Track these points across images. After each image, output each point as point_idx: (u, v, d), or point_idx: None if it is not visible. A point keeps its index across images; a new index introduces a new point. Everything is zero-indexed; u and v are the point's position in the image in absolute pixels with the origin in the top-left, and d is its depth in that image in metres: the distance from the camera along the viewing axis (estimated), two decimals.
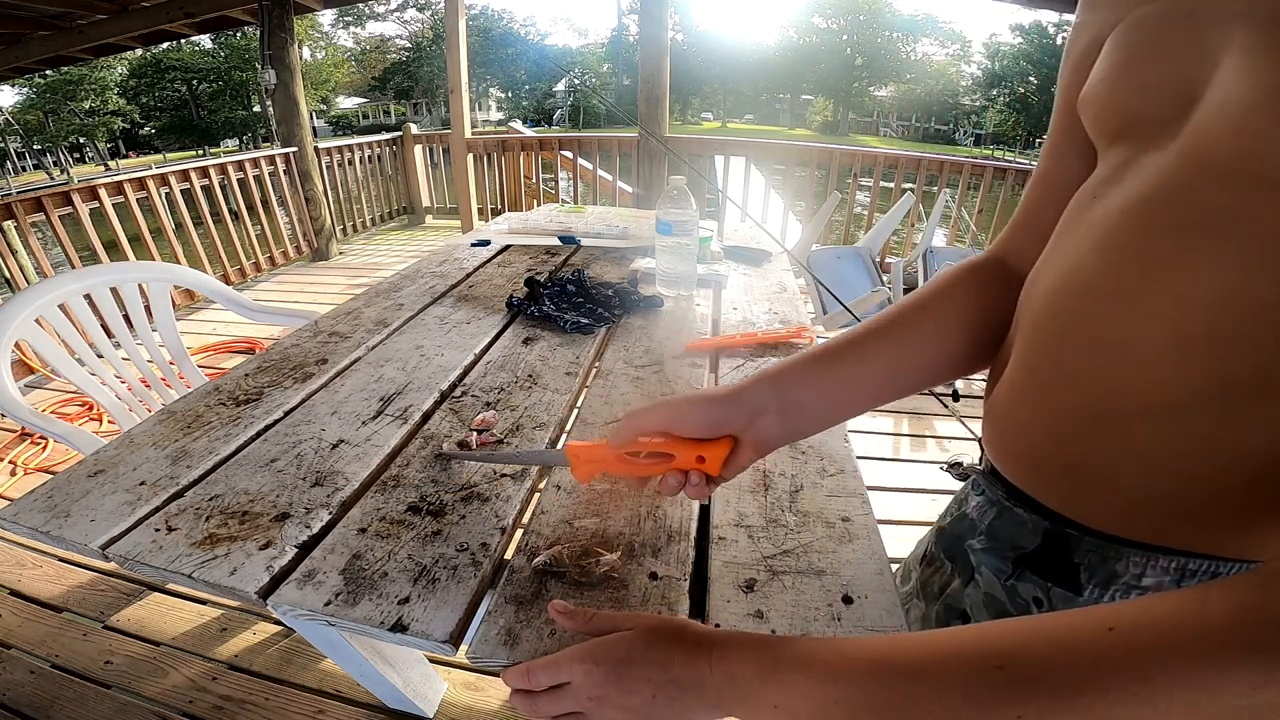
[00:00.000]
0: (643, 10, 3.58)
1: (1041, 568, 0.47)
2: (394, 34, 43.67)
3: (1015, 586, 0.49)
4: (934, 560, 0.62)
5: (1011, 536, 0.50)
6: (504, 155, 4.37)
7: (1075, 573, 0.45)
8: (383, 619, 0.49)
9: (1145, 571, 0.42)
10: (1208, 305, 0.33)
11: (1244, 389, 0.33)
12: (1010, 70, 37.66)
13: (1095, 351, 0.39)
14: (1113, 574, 0.43)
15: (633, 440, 0.48)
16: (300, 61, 4.02)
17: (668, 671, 0.38)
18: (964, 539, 0.56)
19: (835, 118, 47.33)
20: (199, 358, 2.66)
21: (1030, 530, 0.48)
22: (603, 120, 43.27)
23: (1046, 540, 0.47)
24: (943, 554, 0.60)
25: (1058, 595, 0.46)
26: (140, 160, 32.66)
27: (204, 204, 3.37)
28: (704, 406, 0.48)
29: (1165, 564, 0.41)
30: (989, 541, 0.52)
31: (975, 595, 0.54)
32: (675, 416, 0.48)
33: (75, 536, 0.57)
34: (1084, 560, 0.45)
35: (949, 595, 0.58)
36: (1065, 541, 0.46)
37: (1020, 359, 0.46)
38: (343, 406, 0.80)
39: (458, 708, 1.17)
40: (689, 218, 1.11)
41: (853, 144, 15.18)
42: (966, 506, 0.57)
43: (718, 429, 0.47)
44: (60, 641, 1.30)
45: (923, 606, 0.62)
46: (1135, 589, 0.42)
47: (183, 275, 1.42)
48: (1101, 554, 0.43)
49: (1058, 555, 0.46)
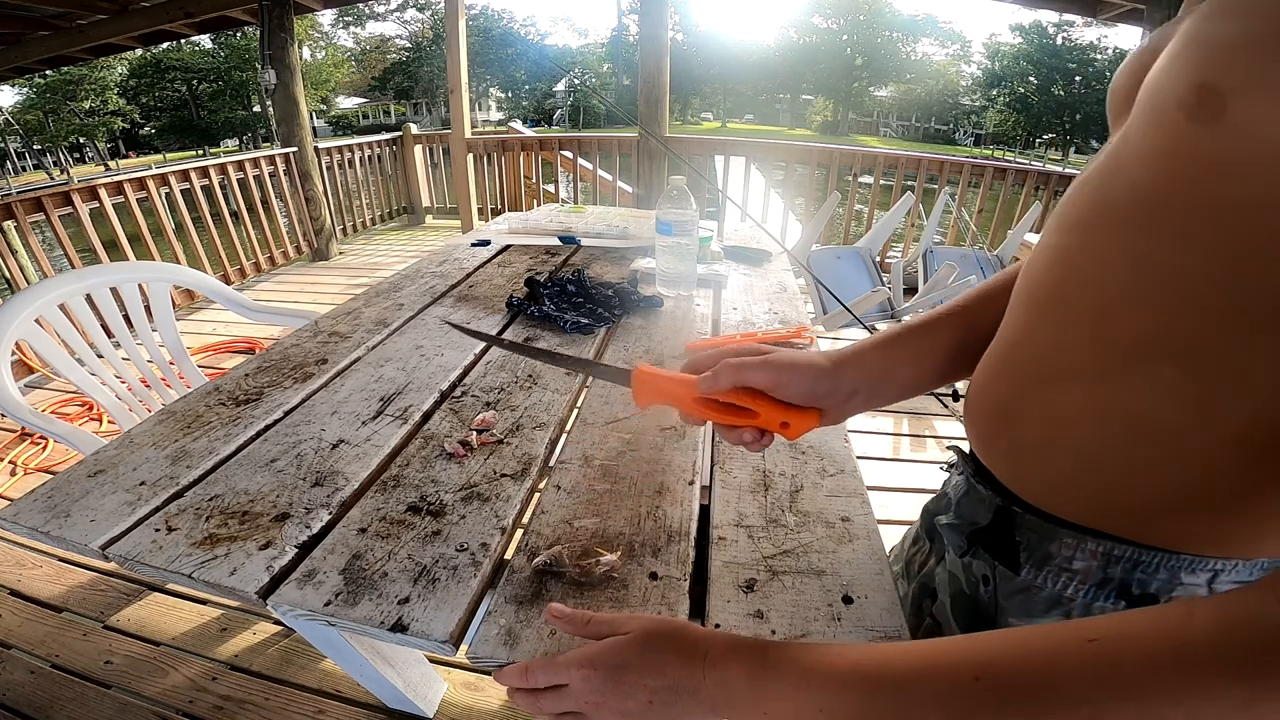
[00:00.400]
0: (643, 10, 3.58)
1: (991, 545, 0.48)
2: (394, 34, 43.72)
3: (970, 564, 0.51)
4: (918, 539, 0.64)
5: (972, 512, 0.51)
6: (504, 155, 4.37)
7: (1016, 551, 0.46)
8: (383, 619, 0.49)
9: (1075, 555, 0.43)
10: (1125, 269, 0.35)
11: (1160, 357, 0.34)
12: (1010, 70, 37.66)
13: (1041, 315, 0.42)
14: (1047, 555, 0.44)
15: (726, 390, 0.48)
16: (300, 61, 4.02)
17: (663, 677, 0.38)
18: (937, 516, 0.57)
19: (835, 118, 47.33)
20: (199, 358, 2.66)
21: (986, 506, 0.49)
22: (603, 120, 43.28)
23: (996, 516, 0.48)
24: (924, 533, 0.62)
25: (1001, 574, 0.47)
26: (140, 160, 32.64)
27: (204, 204, 3.37)
28: (810, 378, 0.49)
29: (1093, 548, 0.42)
30: (955, 518, 0.53)
31: (942, 573, 0.55)
32: (779, 382, 0.48)
33: (75, 536, 0.57)
34: (1024, 539, 0.46)
35: (924, 573, 0.60)
36: (1011, 518, 0.47)
37: (1000, 334, 0.48)
38: (343, 406, 0.80)
39: (458, 708, 1.17)
40: (689, 218, 1.11)
41: (853, 144, 15.19)
42: (948, 486, 0.58)
43: (814, 401, 0.49)
44: (60, 641, 1.30)
45: (905, 586, 0.63)
46: (1066, 571, 0.43)
47: (183, 275, 1.42)
48: (1039, 533, 0.44)
49: (1004, 532, 0.47)
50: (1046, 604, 0.45)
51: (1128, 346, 0.36)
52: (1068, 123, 35.45)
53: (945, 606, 0.54)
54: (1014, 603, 0.46)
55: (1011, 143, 38.65)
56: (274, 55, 3.76)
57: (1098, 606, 0.42)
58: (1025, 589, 0.45)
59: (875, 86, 45.70)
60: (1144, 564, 0.40)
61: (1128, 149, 0.35)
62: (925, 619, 0.58)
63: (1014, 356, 0.45)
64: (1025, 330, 0.44)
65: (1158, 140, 0.33)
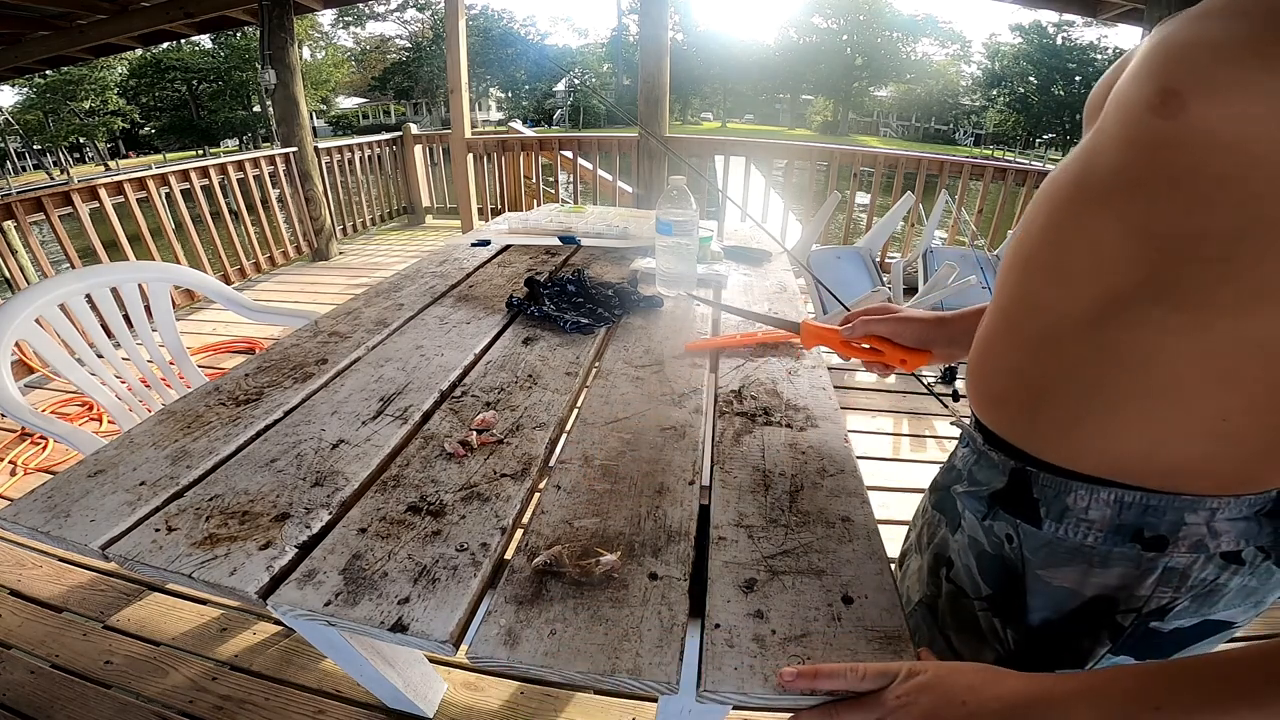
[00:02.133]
0: (643, 10, 3.58)
1: (1010, 505, 0.52)
2: (394, 34, 43.67)
3: (991, 526, 0.55)
4: (926, 513, 0.68)
5: (988, 478, 0.55)
6: (504, 155, 4.37)
7: (1035, 507, 0.50)
8: (383, 619, 0.49)
9: (1090, 505, 0.47)
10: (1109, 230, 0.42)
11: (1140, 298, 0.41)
12: (1010, 70, 37.62)
13: (1041, 278, 0.48)
14: (1065, 508, 0.48)
15: (861, 337, 0.74)
16: (300, 61, 4.02)
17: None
18: (951, 488, 0.61)
19: (835, 118, 47.30)
20: (199, 358, 2.66)
21: (1000, 470, 0.53)
22: (603, 120, 43.25)
23: (1012, 478, 0.52)
24: (933, 507, 0.66)
25: (1025, 531, 0.51)
26: (140, 160, 32.61)
27: (204, 204, 3.37)
28: (919, 329, 0.70)
29: (1105, 496, 0.46)
30: (970, 485, 0.57)
31: (960, 540, 0.59)
32: (897, 331, 0.72)
33: (75, 536, 0.57)
34: (1041, 495, 0.50)
35: (937, 544, 0.64)
36: (1026, 478, 0.51)
37: (992, 308, 0.54)
38: (343, 406, 0.80)
39: (458, 708, 1.16)
40: (689, 218, 1.11)
41: (853, 144, 15.18)
42: (954, 459, 0.62)
43: (924, 345, 0.71)
44: (60, 641, 1.30)
45: (918, 559, 0.68)
46: (1084, 521, 0.47)
47: (183, 275, 1.42)
48: (1055, 489, 0.49)
49: (1022, 491, 0.51)
50: (1069, 554, 0.49)
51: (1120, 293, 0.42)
52: (1068, 123, 35.39)
53: (970, 569, 0.58)
54: (1039, 556, 0.50)
55: (1011, 143, 38.62)
56: (274, 55, 3.76)
57: (1117, 552, 0.46)
58: (1049, 542, 0.49)
59: (875, 86, 45.67)
60: (1153, 508, 0.45)
61: (1105, 141, 0.43)
62: (944, 585, 0.62)
63: (1017, 320, 0.50)
64: (1024, 295, 0.49)
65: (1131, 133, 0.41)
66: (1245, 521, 0.44)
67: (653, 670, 0.45)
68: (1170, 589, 0.46)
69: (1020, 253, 0.50)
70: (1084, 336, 0.45)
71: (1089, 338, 0.44)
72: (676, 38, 45.92)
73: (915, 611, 0.66)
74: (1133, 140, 0.41)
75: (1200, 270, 0.39)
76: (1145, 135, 0.40)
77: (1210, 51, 0.36)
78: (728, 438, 0.75)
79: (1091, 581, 0.48)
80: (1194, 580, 0.45)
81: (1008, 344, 0.51)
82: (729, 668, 0.46)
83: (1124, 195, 0.41)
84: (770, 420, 0.78)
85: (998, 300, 0.53)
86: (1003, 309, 0.52)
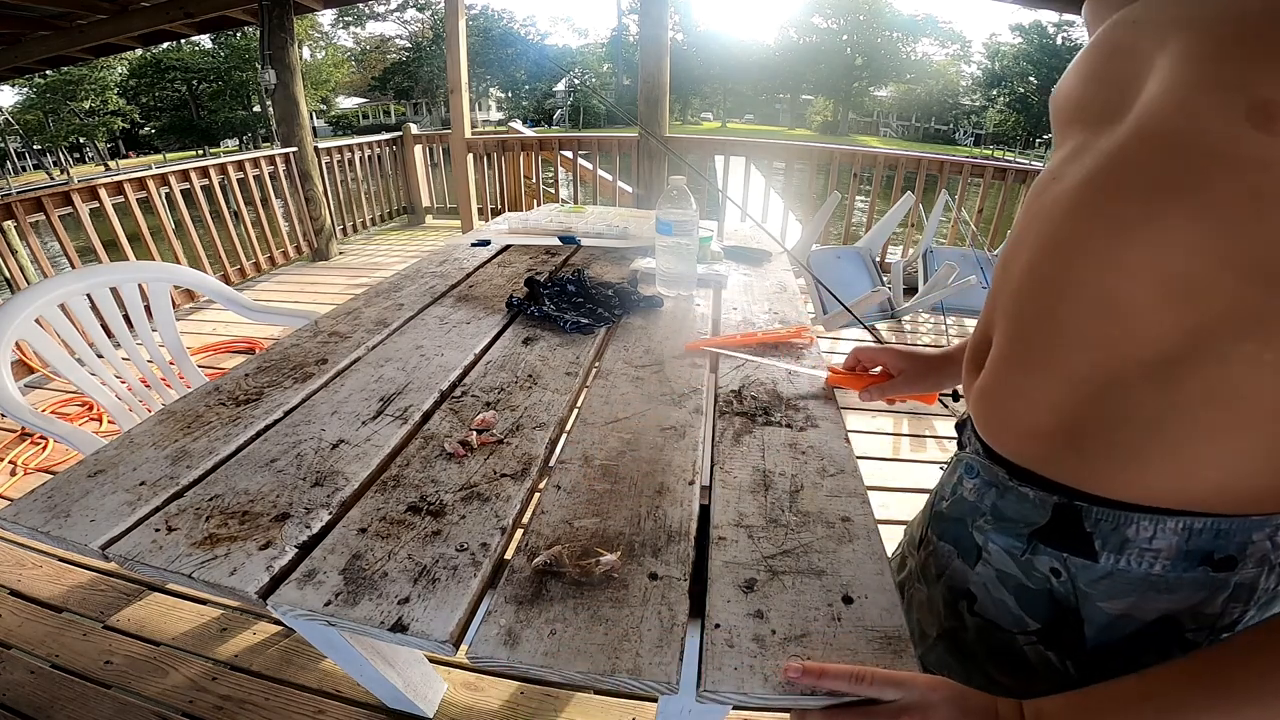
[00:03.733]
0: (643, 10, 3.58)
1: (1055, 540, 0.50)
2: (394, 34, 43.66)
3: (1031, 560, 0.52)
4: (927, 543, 0.65)
5: (1021, 514, 0.52)
6: (504, 155, 4.37)
7: (1089, 541, 0.48)
8: (383, 619, 0.49)
9: (1155, 535, 0.45)
10: (1180, 259, 0.38)
11: (1223, 335, 0.38)
12: (1010, 70, 37.62)
13: (1088, 310, 0.43)
14: (1125, 540, 0.46)
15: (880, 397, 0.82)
16: (300, 61, 4.02)
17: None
18: (966, 521, 0.58)
19: (835, 118, 47.28)
20: (199, 358, 2.66)
21: (1037, 506, 0.51)
22: (603, 120, 43.23)
23: (1056, 514, 0.50)
24: (937, 537, 0.63)
25: (1075, 564, 0.49)
26: (140, 160, 32.59)
27: (204, 204, 3.37)
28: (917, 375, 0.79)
29: (1173, 525, 0.44)
30: (996, 521, 0.55)
31: (986, 573, 0.56)
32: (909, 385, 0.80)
33: (75, 536, 0.57)
34: (1095, 529, 0.47)
35: (950, 576, 0.61)
36: (1076, 512, 0.48)
37: (1008, 335, 0.50)
38: (343, 406, 0.80)
39: (458, 708, 1.16)
40: (689, 218, 1.11)
41: (853, 144, 15.17)
42: (962, 489, 0.59)
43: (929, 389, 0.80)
44: (60, 641, 1.30)
45: (925, 589, 0.65)
46: (1149, 551, 0.45)
47: (183, 275, 1.42)
48: (1113, 521, 0.46)
49: (1070, 526, 0.49)
50: (1137, 585, 0.47)
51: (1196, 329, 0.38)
52: None
53: (1004, 604, 0.55)
54: (1099, 588, 0.49)
55: (1011, 143, 38.61)
56: (274, 55, 3.76)
57: (1187, 578, 0.45)
58: (1109, 574, 0.48)
59: (875, 86, 45.66)
60: (1224, 531, 0.43)
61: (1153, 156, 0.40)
62: (968, 619, 0.59)
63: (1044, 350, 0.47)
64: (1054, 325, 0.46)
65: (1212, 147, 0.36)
66: None
67: (653, 670, 0.45)
68: (1240, 604, 0.45)
69: (1034, 273, 0.47)
70: (1149, 374, 0.41)
71: (1155, 375, 0.41)
72: (676, 38, 45.91)
73: (936, 646, 0.63)
74: (1215, 155, 0.36)
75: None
76: (1234, 150, 0.35)
77: None
78: (728, 438, 0.75)
79: (1155, 606, 0.47)
80: (1260, 591, 0.45)
81: (1036, 376, 0.48)
82: (729, 668, 0.46)
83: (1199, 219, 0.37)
84: (770, 420, 0.78)
85: (1008, 323, 0.50)
86: (1019, 337, 0.49)
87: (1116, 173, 0.41)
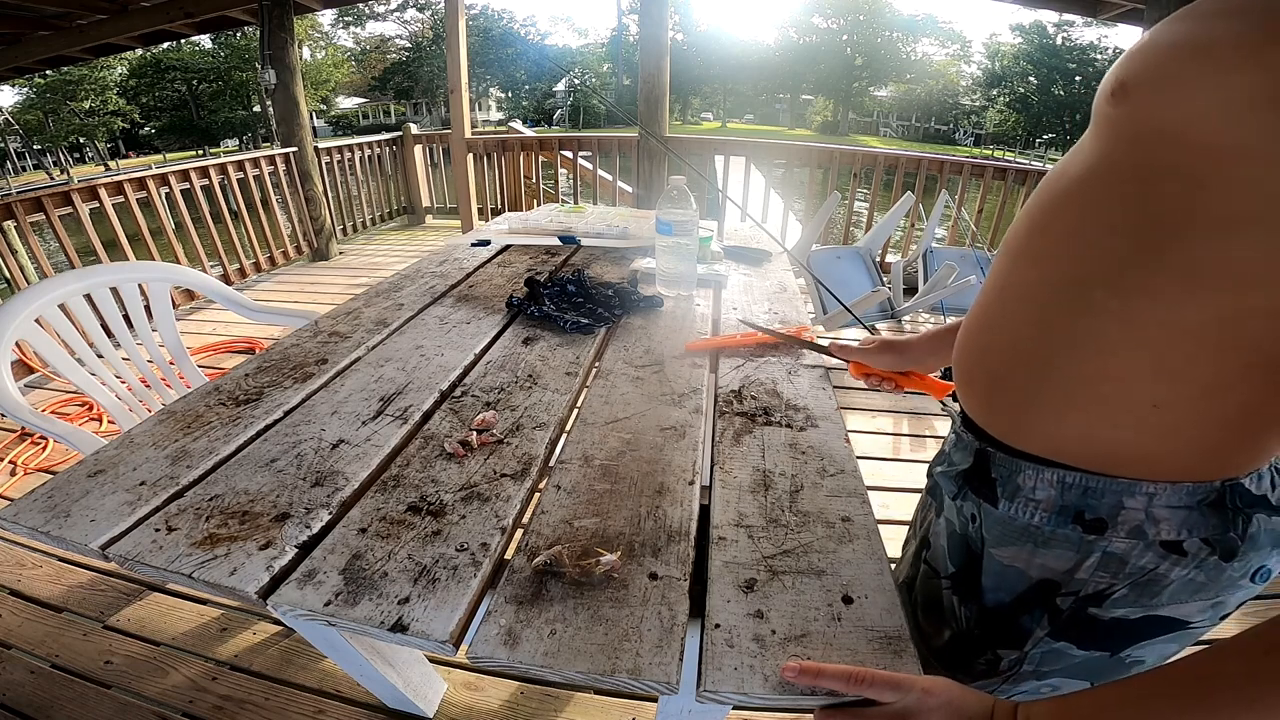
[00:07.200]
0: (643, 10, 3.57)
1: (975, 485, 0.54)
2: (394, 34, 43.62)
3: (961, 506, 0.57)
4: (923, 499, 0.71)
5: (961, 459, 0.57)
6: (504, 155, 4.37)
7: (994, 487, 0.52)
8: (383, 619, 0.49)
9: (1037, 485, 0.49)
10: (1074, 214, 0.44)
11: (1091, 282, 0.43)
12: (1010, 70, 37.59)
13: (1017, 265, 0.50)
14: (1017, 487, 0.50)
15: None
16: (300, 61, 4.02)
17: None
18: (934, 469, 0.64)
19: (835, 118, 47.26)
20: (199, 358, 2.66)
21: (968, 450, 0.56)
22: (603, 120, 43.23)
23: (976, 458, 0.55)
24: (927, 492, 0.69)
25: (985, 510, 0.53)
26: (140, 160, 32.55)
27: (204, 204, 3.36)
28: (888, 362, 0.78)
29: (1049, 477, 0.48)
30: (947, 465, 0.60)
31: (939, 522, 0.61)
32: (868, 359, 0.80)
33: (75, 536, 0.57)
34: (998, 475, 0.52)
35: (924, 527, 0.66)
36: (987, 458, 0.53)
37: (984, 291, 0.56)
38: (343, 406, 0.80)
39: (458, 708, 1.16)
40: (689, 218, 1.11)
41: (853, 144, 15.17)
42: (946, 443, 0.64)
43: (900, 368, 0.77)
44: (60, 641, 1.30)
45: (913, 545, 0.70)
46: (1032, 501, 0.49)
47: (183, 275, 1.42)
48: (1009, 468, 0.51)
49: (983, 471, 0.53)
50: (1018, 534, 0.50)
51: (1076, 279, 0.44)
52: (1068, 123, 35.37)
53: (942, 549, 0.60)
54: (994, 534, 0.53)
55: (1011, 143, 38.58)
56: (274, 55, 3.76)
57: (1060, 534, 0.48)
58: (1002, 521, 0.51)
59: (875, 86, 45.63)
60: (1091, 489, 0.46)
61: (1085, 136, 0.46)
62: (921, 566, 0.64)
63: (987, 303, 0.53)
64: (998, 280, 0.52)
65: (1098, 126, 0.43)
66: (1186, 510, 0.44)
67: (653, 670, 0.45)
68: (1108, 574, 0.47)
69: (1008, 243, 0.52)
70: (1035, 318, 0.47)
71: (1040, 319, 0.46)
72: (676, 38, 45.89)
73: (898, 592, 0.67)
74: (1099, 133, 0.43)
75: (1143, 257, 0.40)
76: (1104, 126, 0.42)
77: (1164, 48, 0.38)
78: (728, 438, 0.75)
79: (1037, 563, 0.50)
80: (1132, 567, 0.46)
81: (979, 325, 0.54)
82: (729, 668, 0.46)
83: (1092, 185, 0.43)
84: (770, 420, 0.78)
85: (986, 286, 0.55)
86: (982, 293, 0.55)
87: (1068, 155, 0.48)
